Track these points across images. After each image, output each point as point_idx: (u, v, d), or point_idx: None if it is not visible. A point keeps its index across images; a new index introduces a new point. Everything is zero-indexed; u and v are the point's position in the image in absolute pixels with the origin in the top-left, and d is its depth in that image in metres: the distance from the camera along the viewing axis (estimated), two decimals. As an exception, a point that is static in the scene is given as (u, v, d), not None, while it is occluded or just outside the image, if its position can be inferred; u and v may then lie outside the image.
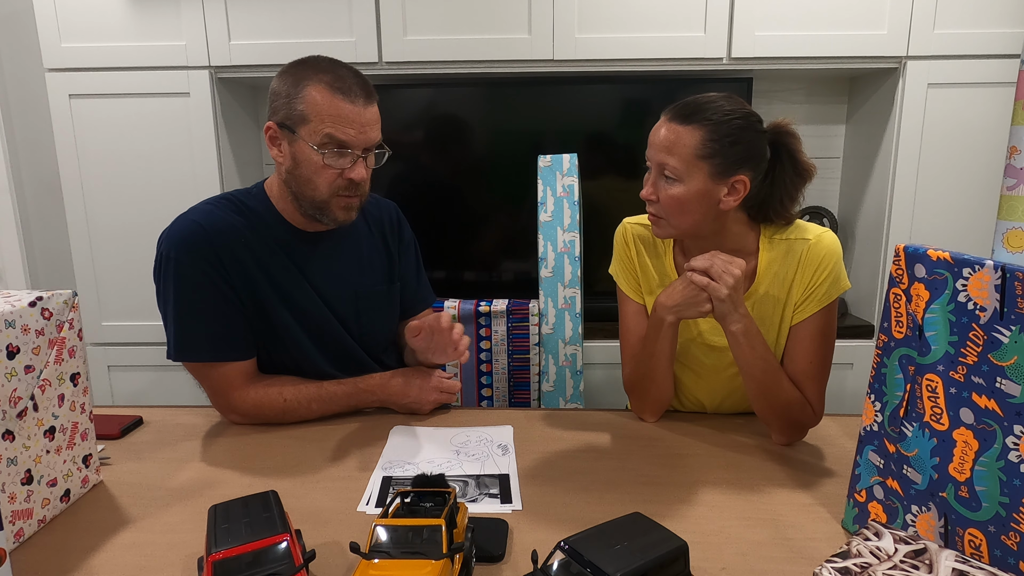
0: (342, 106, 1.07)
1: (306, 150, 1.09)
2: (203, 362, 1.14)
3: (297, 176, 1.12)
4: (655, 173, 1.04)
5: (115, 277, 1.98)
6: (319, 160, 1.09)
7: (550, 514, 0.86)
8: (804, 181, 1.07)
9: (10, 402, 0.78)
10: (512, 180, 2.01)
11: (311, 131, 1.08)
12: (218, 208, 1.16)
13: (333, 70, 1.09)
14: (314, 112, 1.07)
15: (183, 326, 1.13)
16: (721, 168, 1.01)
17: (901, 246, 0.74)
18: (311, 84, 1.07)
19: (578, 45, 1.84)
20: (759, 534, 0.81)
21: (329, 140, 1.08)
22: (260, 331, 1.17)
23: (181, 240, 1.11)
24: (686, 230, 1.06)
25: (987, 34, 1.78)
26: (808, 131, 2.19)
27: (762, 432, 1.11)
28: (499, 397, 1.81)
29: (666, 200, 1.03)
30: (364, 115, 1.09)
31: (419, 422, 1.17)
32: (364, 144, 1.10)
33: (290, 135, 1.10)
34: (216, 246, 1.11)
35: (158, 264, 1.13)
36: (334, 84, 1.07)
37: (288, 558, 0.64)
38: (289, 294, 1.17)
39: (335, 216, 1.15)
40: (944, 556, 0.62)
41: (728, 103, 1.01)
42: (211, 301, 1.12)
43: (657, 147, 1.03)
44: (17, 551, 0.79)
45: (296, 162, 1.11)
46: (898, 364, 0.75)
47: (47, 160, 2.21)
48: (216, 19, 1.85)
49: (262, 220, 1.17)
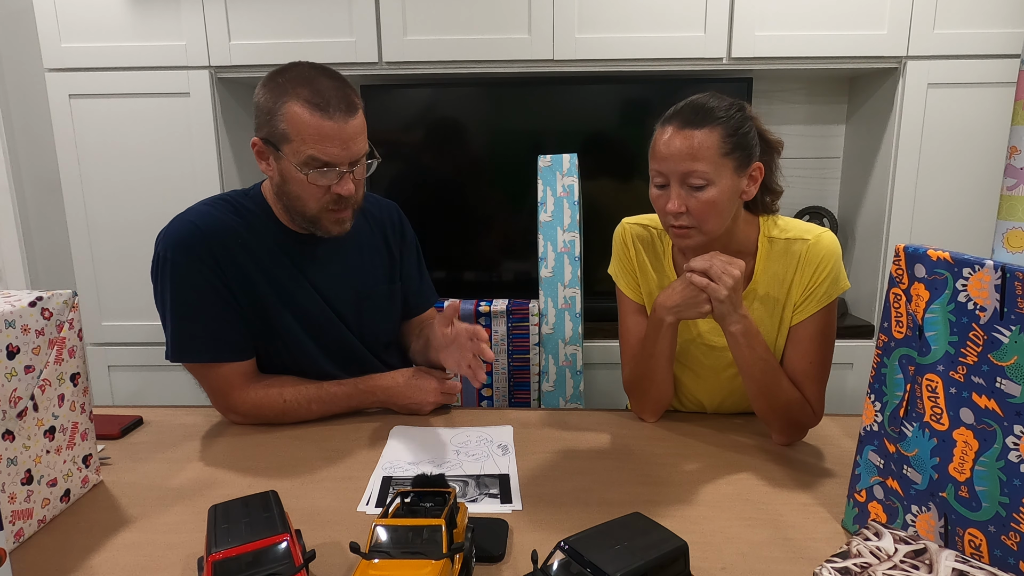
0: (322, 125, 1.03)
1: (291, 168, 1.07)
2: (201, 363, 1.14)
3: (286, 192, 1.11)
4: (677, 184, 1.01)
5: (115, 277, 1.98)
6: (304, 179, 1.07)
7: (550, 514, 0.86)
8: (777, 154, 1.09)
9: (10, 402, 0.78)
10: (512, 180, 2.01)
11: (293, 151, 1.06)
12: (215, 209, 1.16)
13: (311, 83, 1.05)
14: (295, 132, 1.04)
15: (180, 327, 1.13)
16: (742, 160, 1.02)
17: (901, 246, 0.74)
18: (290, 101, 1.04)
19: (578, 45, 1.84)
20: (759, 534, 0.81)
21: (312, 160, 1.05)
22: (260, 331, 1.17)
23: (177, 241, 1.11)
24: (715, 233, 1.04)
25: (987, 34, 1.78)
26: (808, 131, 2.19)
27: (762, 432, 1.12)
28: (499, 397, 1.81)
29: (700, 208, 1.00)
30: (345, 131, 1.05)
31: (419, 422, 1.17)
32: (349, 159, 1.08)
33: (275, 151, 1.08)
34: (213, 247, 1.11)
35: (155, 264, 1.13)
36: (312, 100, 1.03)
37: (288, 558, 0.64)
38: (290, 295, 1.17)
39: (327, 229, 1.14)
40: (944, 556, 0.62)
41: (721, 100, 1.02)
42: (208, 302, 1.12)
43: (677, 157, 0.99)
44: (17, 551, 0.79)
45: (283, 179, 1.10)
46: (898, 364, 0.75)
47: (47, 160, 2.21)
48: (216, 19, 1.85)
49: (260, 221, 1.17)
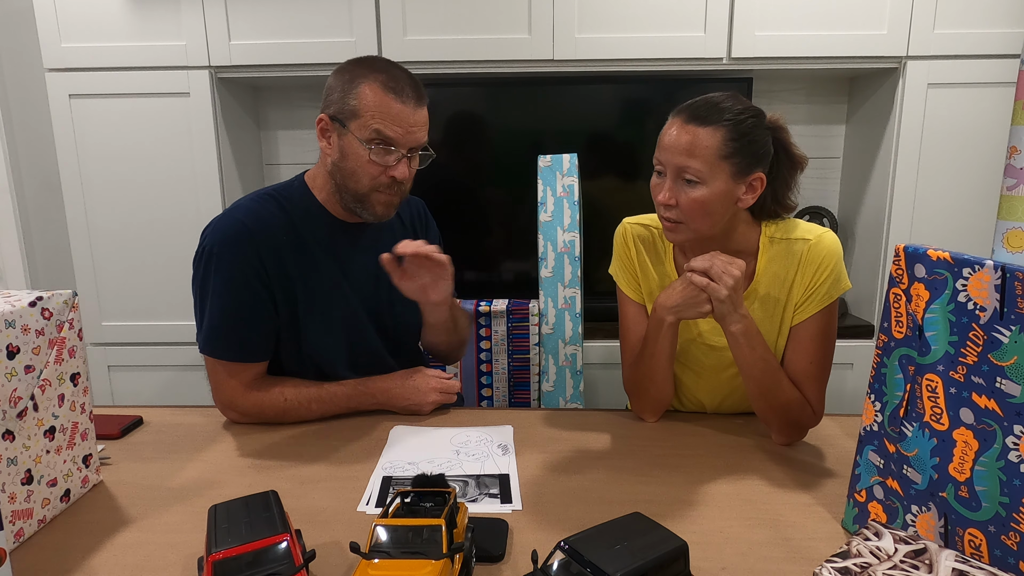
0: (393, 105, 1.09)
1: (354, 144, 1.12)
2: (227, 361, 1.15)
3: (343, 168, 1.14)
4: (672, 177, 1.01)
5: (115, 277, 1.98)
6: (365, 155, 1.11)
7: (550, 514, 0.86)
8: (799, 171, 1.08)
9: (10, 402, 0.78)
10: (512, 180, 2.01)
11: (361, 125, 1.10)
12: (261, 205, 1.18)
13: (388, 70, 1.12)
14: (365, 108, 1.10)
15: (215, 322, 1.14)
16: (741, 167, 1.00)
17: (901, 246, 0.74)
18: (366, 82, 1.10)
19: (578, 45, 1.84)
20: (759, 534, 0.81)
21: (377, 136, 1.10)
22: (287, 323, 1.18)
23: (225, 237, 1.13)
24: (704, 233, 1.04)
25: (987, 34, 1.78)
26: (808, 131, 2.19)
27: (762, 432, 1.11)
28: (499, 397, 1.81)
29: (688, 204, 1.01)
30: (413, 116, 1.12)
31: (419, 422, 1.17)
32: (410, 144, 1.13)
33: (340, 128, 1.13)
34: (259, 247, 1.14)
35: (200, 255, 1.15)
36: (387, 83, 1.10)
37: (288, 558, 0.64)
38: (323, 287, 1.19)
39: (375, 211, 1.17)
40: (944, 556, 0.62)
41: (737, 102, 1.01)
42: (245, 303, 1.14)
43: (675, 150, 0.99)
44: (17, 551, 0.79)
45: (343, 155, 1.13)
46: (898, 364, 0.75)
47: (47, 160, 2.21)
48: (216, 19, 1.85)
49: (305, 212, 1.19)
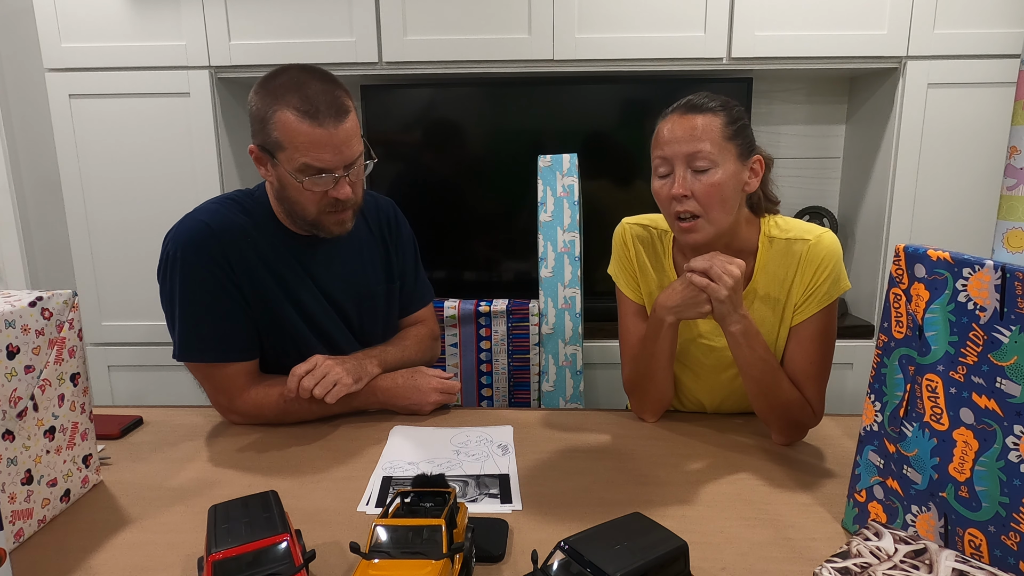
0: (312, 132, 1.03)
1: (287, 175, 1.08)
2: (207, 363, 1.14)
3: (286, 197, 1.12)
4: (681, 168, 1.00)
5: (115, 277, 1.98)
6: (300, 186, 1.08)
7: (550, 514, 0.86)
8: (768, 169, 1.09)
9: (10, 402, 0.78)
10: (512, 180, 2.01)
11: (288, 158, 1.06)
12: (224, 208, 1.16)
13: (300, 89, 1.04)
14: (287, 140, 1.05)
15: (189, 327, 1.12)
16: (744, 149, 1.02)
17: (901, 246, 0.74)
18: (280, 110, 1.04)
19: (578, 45, 1.84)
20: (759, 534, 0.81)
21: (306, 168, 1.06)
22: (266, 330, 1.17)
23: (189, 240, 1.11)
24: (722, 225, 1.02)
25: (987, 34, 1.78)
26: (808, 131, 2.19)
27: (762, 432, 1.11)
28: (499, 397, 1.81)
29: (704, 191, 0.99)
30: (336, 136, 1.05)
31: (419, 422, 1.17)
32: (343, 163, 1.08)
33: (271, 159, 1.09)
34: (225, 246, 1.11)
35: (163, 263, 1.13)
36: (302, 108, 1.03)
37: (288, 558, 0.64)
38: (296, 294, 1.17)
39: (330, 230, 1.15)
40: (944, 556, 0.62)
41: (716, 97, 1.03)
42: (217, 302, 1.12)
43: (682, 139, 0.99)
44: (17, 551, 0.79)
45: (282, 185, 1.10)
46: (898, 364, 0.75)
47: (47, 160, 2.21)
48: (216, 19, 1.85)
49: (266, 222, 1.17)
